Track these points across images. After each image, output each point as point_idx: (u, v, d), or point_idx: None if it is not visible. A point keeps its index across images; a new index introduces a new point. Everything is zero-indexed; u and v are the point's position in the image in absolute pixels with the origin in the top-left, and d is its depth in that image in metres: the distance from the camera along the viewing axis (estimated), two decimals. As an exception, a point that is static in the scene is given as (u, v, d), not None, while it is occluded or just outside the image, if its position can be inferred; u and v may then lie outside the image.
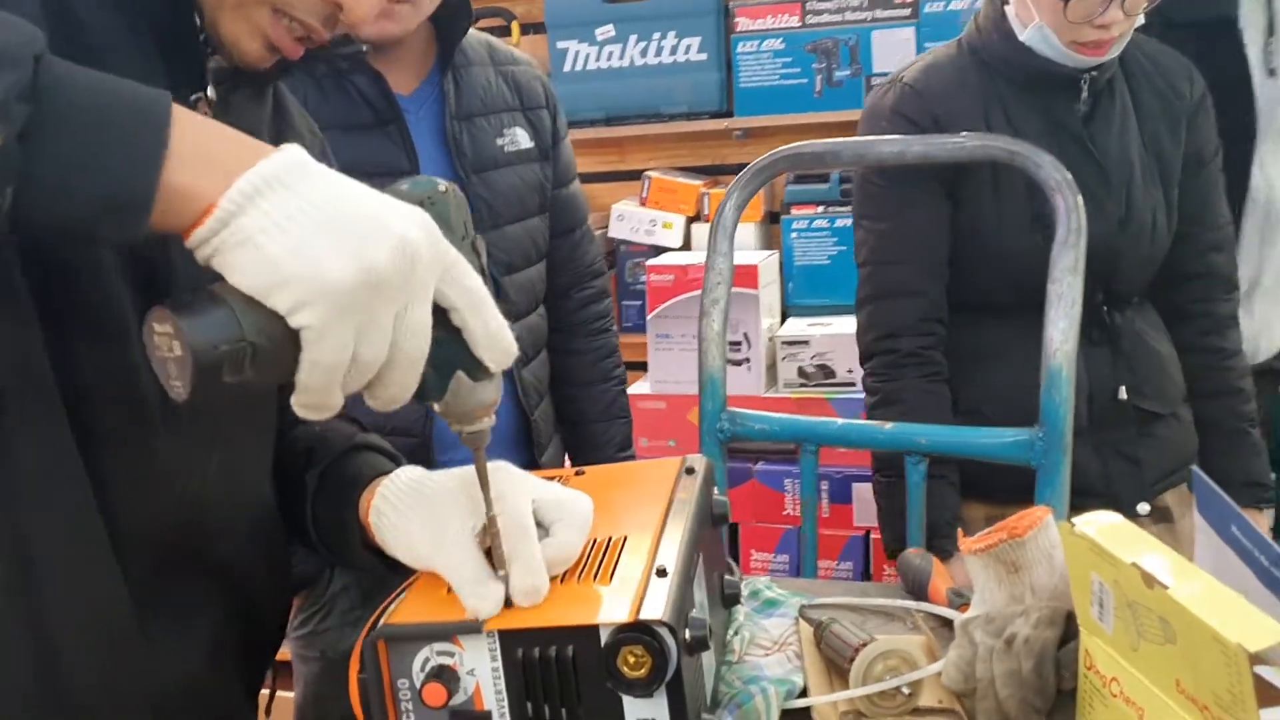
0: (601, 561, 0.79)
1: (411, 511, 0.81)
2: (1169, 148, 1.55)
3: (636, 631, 0.71)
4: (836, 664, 0.92)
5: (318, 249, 0.59)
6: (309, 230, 0.59)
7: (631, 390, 2.60)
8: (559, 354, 1.68)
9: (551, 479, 0.87)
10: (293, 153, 0.62)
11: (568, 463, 1.73)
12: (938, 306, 1.53)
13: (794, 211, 2.71)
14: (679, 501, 0.88)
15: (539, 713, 0.74)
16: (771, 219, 2.84)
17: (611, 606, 0.73)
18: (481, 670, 0.74)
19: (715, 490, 0.98)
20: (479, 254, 0.71)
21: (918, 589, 1.07)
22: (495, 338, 0.67)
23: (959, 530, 0.93)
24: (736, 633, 0.97)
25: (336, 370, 0.61)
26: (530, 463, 1.57)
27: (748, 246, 2.70)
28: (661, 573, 0.77)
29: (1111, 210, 1.49)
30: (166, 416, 0.77)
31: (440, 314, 0.65)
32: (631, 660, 0.72)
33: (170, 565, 0.81)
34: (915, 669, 0.86)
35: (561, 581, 0.78)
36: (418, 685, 0.74)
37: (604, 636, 0.72)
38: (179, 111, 0.61)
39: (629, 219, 2.80)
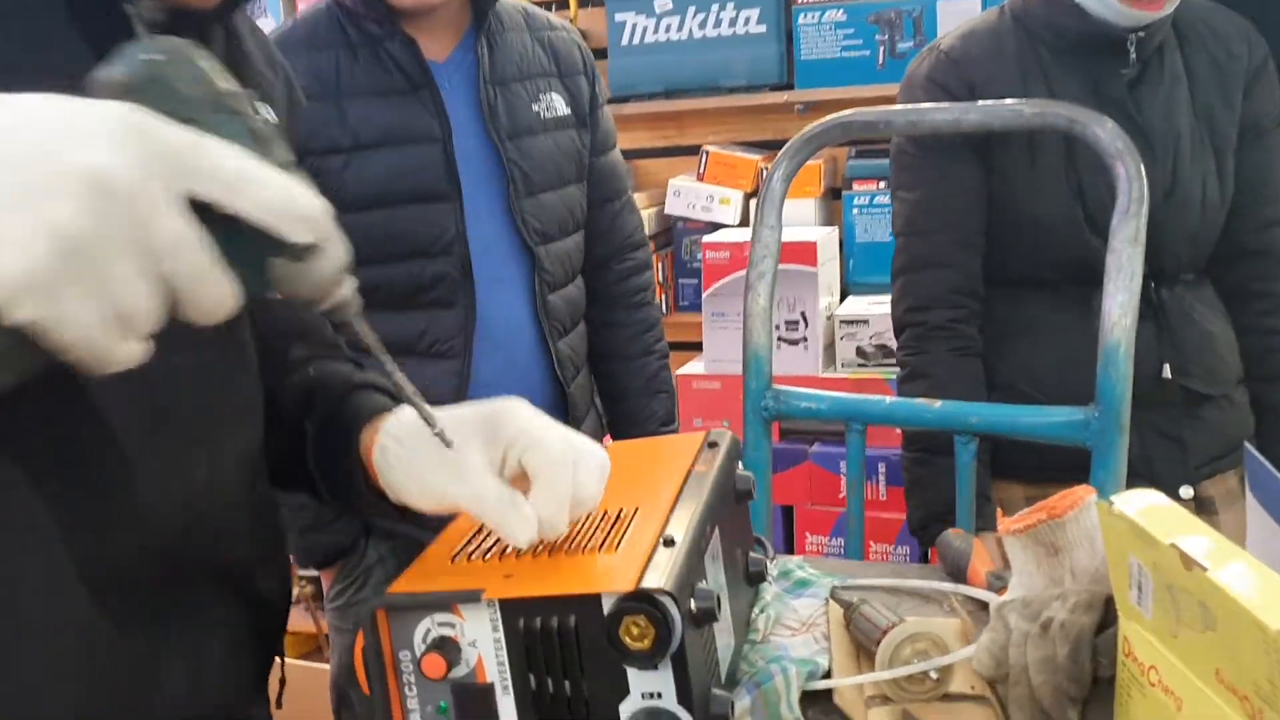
0: (610, 532, 0.76)
1: (420, 446, 0.75)
2: (1222, 116, 1.47)
3: (638, 601, 0.68)
4: (865, 646, 0.88)
5: None
6: None
7: (686, 370, 2.57)
8: (598, 327, 1.65)
9: None
10: None
11: (608, 441, 1.71)
12: (971, 279, 1.49)
13: (855, 187, 2.65)
14: (696, 475, 0.85)
15: (542, 685, 0.71)
16: (833, 195, 2.78)
17: (615, 575, 0.70)
18: (483, 641, 0.72)
19: (740, 466, 0.94)
20: (241, 112, 0.57)
21: (957, 571, 1.02)
22: (280, 208, 0.54)
23: (998, 510, 0.88)
24: (762, 611, 0.93)
25: (103, 338, 0.49)
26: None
27: (807, 222, 2.64)
28: (669, 543, 0.74)
29: (1156, 181, 1.42)
30: (136, 437, 0.70)
31: (207, 207, 0.53)
32: (635, 631, 0.68)
33: (173, 581, 0.74)
34: (945, 653, 0.82)
35: (567, 552, 0.76)
36: (418, 657, 0.72)
37: (606, 605, 0.69)
38: None
39: (686, 194, 2.76)
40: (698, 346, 2.60)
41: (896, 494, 2.38)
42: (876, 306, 2.46)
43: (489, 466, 0.73)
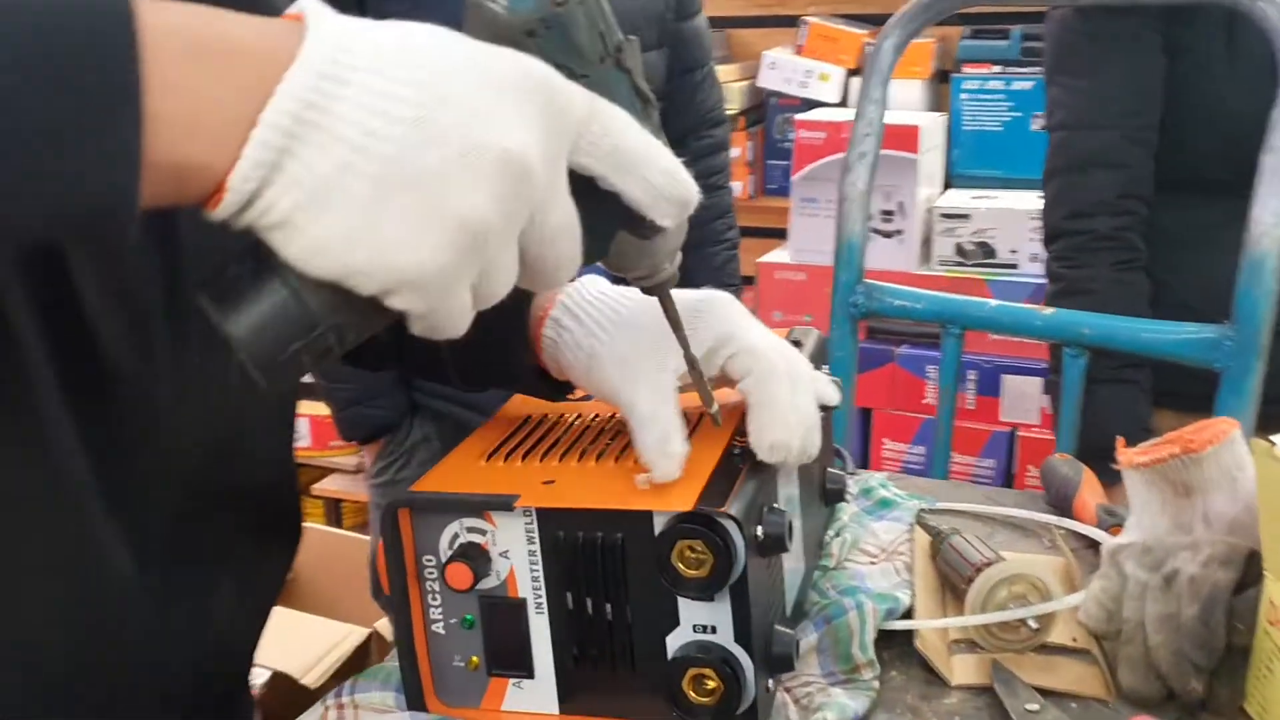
0: None
1: (601, 329, 0.67)
2: None
3: (696, 523, 0.58)
4: (952, 583, 0.78)
5: (381, 230, 0.41)
6: (365, 201, 0.41)
7: (769, 258, 2.44)
8: None
9: None
10: (318, 49, 0.41)
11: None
12: (1141, 181, 1.31)
13: (966, 70, 2.45)
14: None
15: (580, 607, 0.62)
16: (941, 78, 2.58)
17: (672, 491, 0.60)
18: (516, 553, 0.63)
19: (826, 370, 0.83)
20: (628, 68, 0.51)
21: (1062, 502, 0.91)
22: (662, 192, 0.50)
23: (1118, 440, 0.76)
24: (838, 534, 0.83)
25: (458, 322, 0.46)
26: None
27: (911, 106, 2.46)
28: (737, 456, 0.64)
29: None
30: (179, 335, 0.60)
31: (584, 180, 0.49)
32: (690, 556, 0.59)
33: (193, 508, 0.64)
34: (1047, 599, 0.71)
35: (619, 459, 0.66)
36: (443, 563, 0.63)
37: (659, 525, 0.59)
38: (145, 28, 0.38)
39: (782, 68, 2.58)
40: (782, 234, 2.46)
41: (987, 404, 2.25)
42: (981, 201, 2.29)
43: (670, 375, 0.64)
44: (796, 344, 0.81)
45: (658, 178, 0.50)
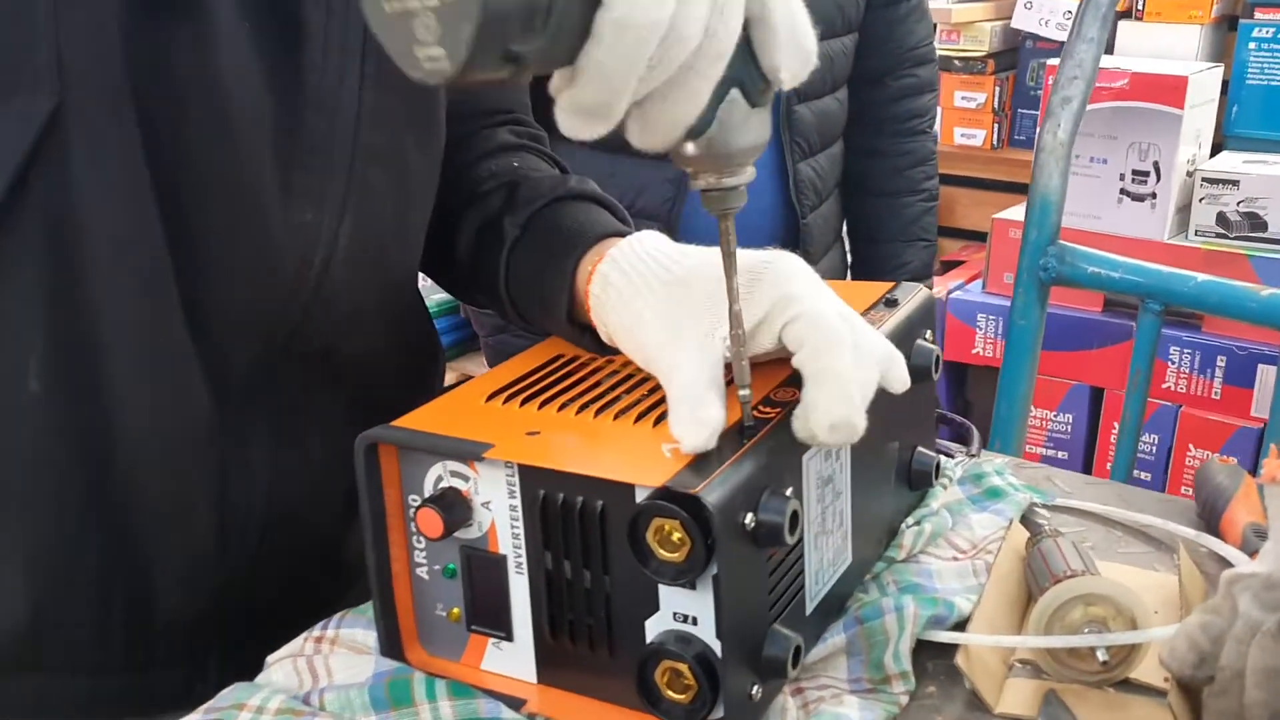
0: None
1: (649, 289, 0.63)
2: None
3: (670, 501, 0.51)
4: (1033, 591, 0.67)
5: None
6: None
7: (1005, 214, 2.25)
8: (858, 153, 1.41)
9: None
10: None
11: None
12: None
13: (1259, 15, 2.15)
14: None
15: (559, 572, 0.57)
16: (1229, 24, 2.29)
17: (656, 462, 0.54)
18: (498, 505, 0.58)
19: (926, 335, 0.73)
20: None
21: (1210, 515, 0.77)
22: (799, 34, 0.50)
23: (1273, 448, 0.63)
24: (919, 523, 0.73)
25: (646, 41, 0.45)
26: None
27: (1186, 55, 2.19)
28: (749, 429, 0.57)
29: None
30: (283, 151, 0.62)
31: None
32: (669, 537, 0.52)
33: (278, 371, 0.68)
34: (1130, 627, 0.60)
35: (628, 414, 0.60)
36: (418, 506, 0.59)
37: (639, 498, 0.53)
38: None
39: (1040, 8, 2.35)
40: (1024, 189, 2.26)
41: (1236, 396, 2.00)
42: (1255, 166, 2.02)
43: (716, 339, 0.60)
44: (891, 302, 0.73)
45: (801, 17, 0.50)
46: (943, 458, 0.82)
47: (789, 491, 0.56)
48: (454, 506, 0.58)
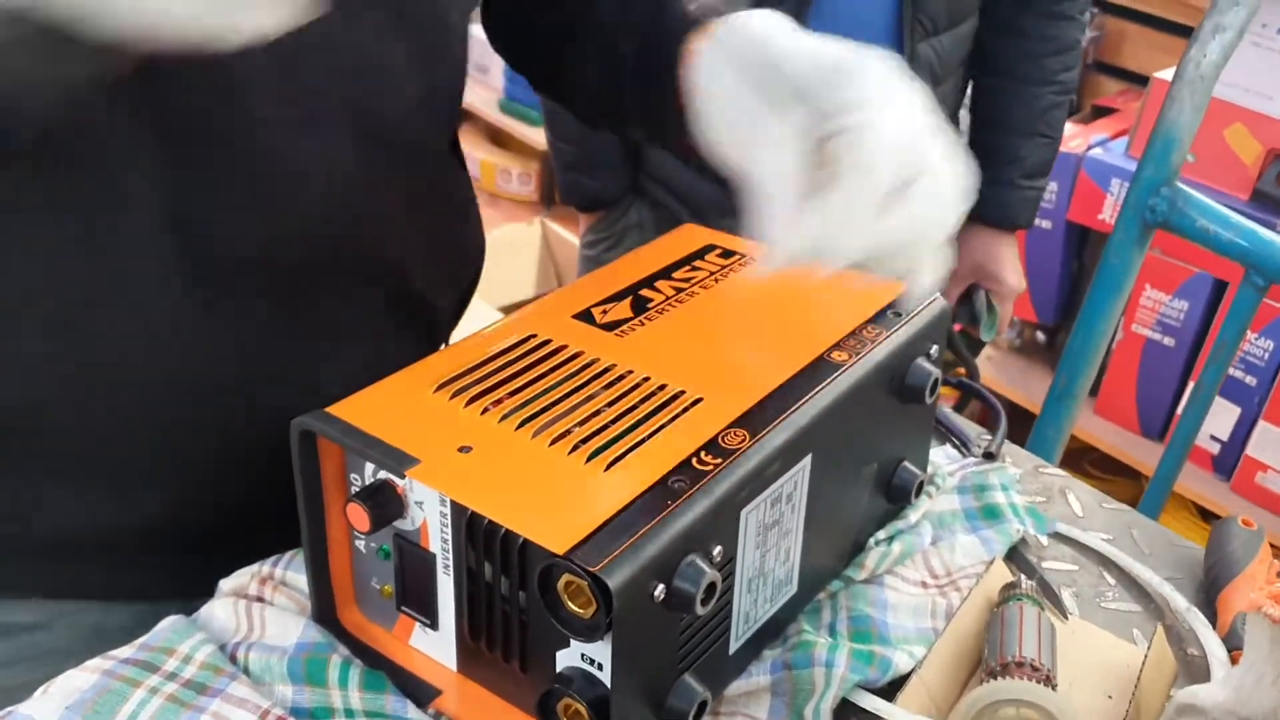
0: (637, 425, 0.57)
1: (747, 72, 0.58)
2: None
3: (573, 571, 0.50)
4: (984, 658, 0.65)
5: None
6: None
7: (1169, 73, 2.04)
8: (995, 28, 1.27)
9: None
10: None
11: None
12: None
13: None
14: (828, 364, 0.62)
15: (480, 586, 0.57)
16: None
17: (567, 516, 0.52)
18: (430, 507, 0.57)
19: (930, 350, 0.68)
20: None
21: (1213, 583, 0.72)
22: None
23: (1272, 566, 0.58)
24: (891, 540, 0.71)
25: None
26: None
27: None
28: (681, 478, 0.54)
29: None
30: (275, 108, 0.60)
31: None
32: (579, 590, 0.51)
33: (316, 274, 0.66)
34: (1060, 739, 0.57)
35: (571, 451, 0.56)
36: (353, 494, 0.59)
37: (540, 556, 0.52)
38: None
39: None
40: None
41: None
42: None
43: (810, 141, 0.54)
44: (897, 314, 0.68)
45: None
46: (940, 459, 0.78)
47: (717, 551, 0.54)
48: (388, 502, 0.57)
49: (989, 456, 0.81)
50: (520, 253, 2.87)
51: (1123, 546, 0.76)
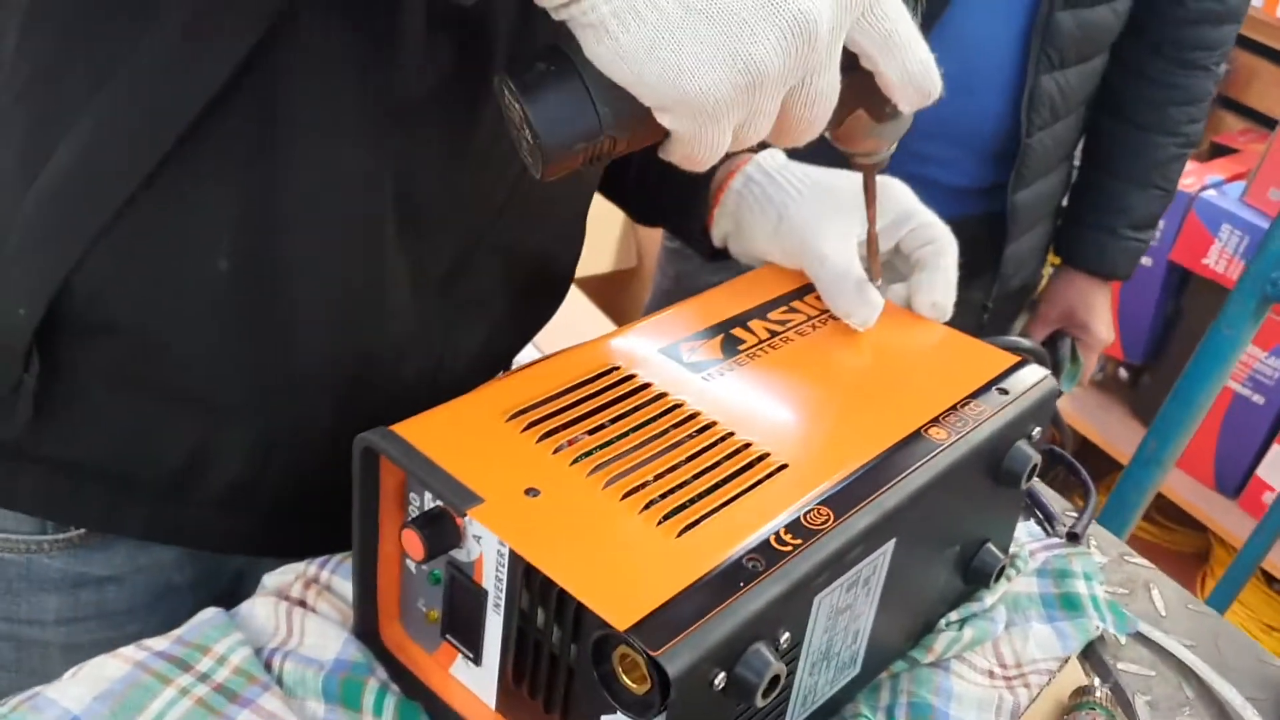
0: (716, 487, 0.54)
1: (794, 188, 0.73)
2: None
3: (632, 648, 0.47)
4: (1048, 766, 0.61)
5: (679, 51, 0.46)
6: (672, 22, 0.46)
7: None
8: (1123, 70, 1.21)
9: None
10: None
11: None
12: None
13: None
14: (926, 443, 0.58)
15: (533, 631, 0.54)
16: None
17: (630, 589, 0.49)
18: (488, 543, 0.54)
19: (1032, 432, 0.64)
20: None
21: (1301, 708, 0.67)
22: (914, 79, 0.54)
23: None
24: (963, 624, 0.67)
25: (712, 155, 0.51)
26: (996, 188, 1.20)
27: None
28: (758, 560, 0.50)
29: None
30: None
31: (847, 55, 0.53)
32: (634, 664, 0.48)
33: (469, 264, 0.68)
34: None
35: (643, 510, 0.53)
36: (409, 520, 0.56)
37: (596, 626, 0.49)
38: None
39: None
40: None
41: None
42: None
43: (855, 241, 0.70)
44: (1003, 390, 0.64)
45: (915, 65, 0.53)
46: (1025, 537, 0.74)
47: (784, 638, 0.51)
48: (446, 533, 0.55)
49: (1073, 538, 0.77)
50: (602, 225, 2.83)
51: (1205, 655, 0.71)
